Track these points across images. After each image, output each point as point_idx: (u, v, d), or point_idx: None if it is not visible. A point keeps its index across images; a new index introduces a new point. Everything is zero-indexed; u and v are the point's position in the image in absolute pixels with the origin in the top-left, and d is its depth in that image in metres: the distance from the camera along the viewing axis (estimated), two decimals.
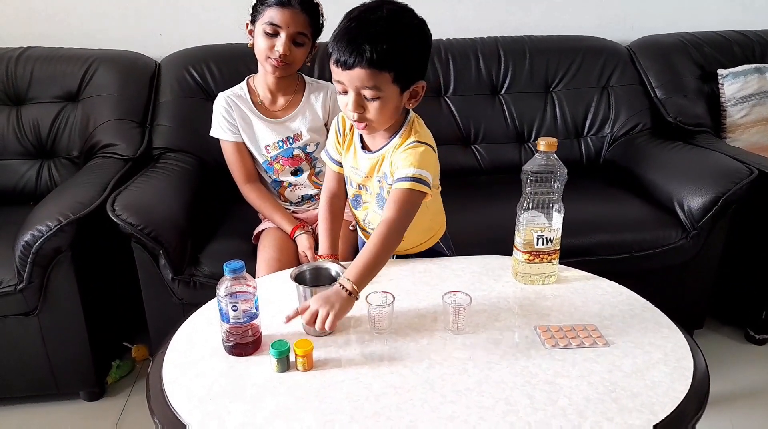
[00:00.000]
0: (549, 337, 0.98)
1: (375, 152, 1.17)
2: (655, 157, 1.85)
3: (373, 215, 1.24)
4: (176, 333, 1.02)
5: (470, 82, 2.00)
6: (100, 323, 1.56)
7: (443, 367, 0.92)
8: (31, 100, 1.82)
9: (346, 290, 0.97)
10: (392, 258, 1.31)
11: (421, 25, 1.07)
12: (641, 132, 2.00)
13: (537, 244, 1.13)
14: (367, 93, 1.04)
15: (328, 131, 1.48)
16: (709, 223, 1.61)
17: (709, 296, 1.74)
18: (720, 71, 2.02)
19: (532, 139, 2.03)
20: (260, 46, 1.41)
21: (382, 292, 1.02)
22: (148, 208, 1.45)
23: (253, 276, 1.31)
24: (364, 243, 1.36)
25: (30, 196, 1.78)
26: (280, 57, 1.39)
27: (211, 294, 1.08)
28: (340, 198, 1.30)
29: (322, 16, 1.43)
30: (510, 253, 1.22)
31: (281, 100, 1.53)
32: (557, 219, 1.14)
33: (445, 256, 1.31)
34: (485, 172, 1.99)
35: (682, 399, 0.84)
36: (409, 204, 1.09)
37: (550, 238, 1.13)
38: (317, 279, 1.01)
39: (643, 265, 1.61)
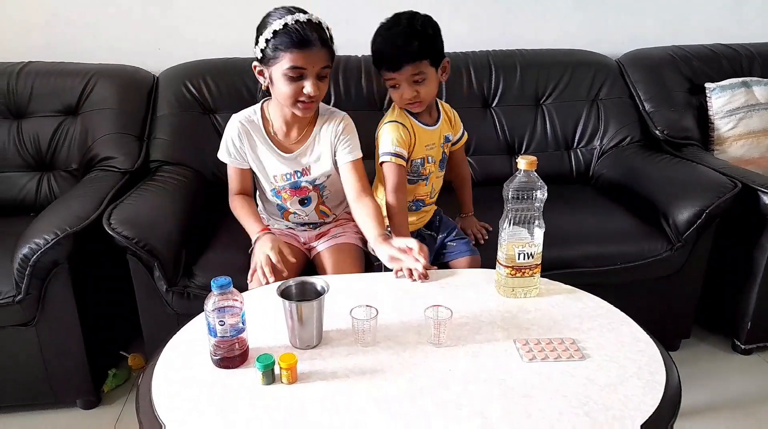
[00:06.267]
0: (528, 350, 1.02)
1: (437, 124, 1.52)
2: (642, 170, 1.88)
3: (436, 181, 1.57)
4: (167, 345, 1.05)
5: (462, 94, 2.03)
6: (96, 333, 1.59)
7: (423, 380, 0.95)
8: (32, 114, 1.86)
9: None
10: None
11: (428, 17, 1.42)
12: (630, 144, 2.03)
13: (518, 259, 1.16)
14: (416, 78, 1.39)
15: (336, 164, 1.47)
16: (694, 236, 1.63)
17: (695, 307, 1.77)
18: (707, 85, 2.05)
19: (523, 151, 2.06)
20: (284, 91, 1.33)
21: (366, 306, 1.06)
22: (144, 221, 1.49)
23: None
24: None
25: (30, 207, 1.82)
26: (310, 99, 1.34)
27: None
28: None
29: (332, 39, 1.35)
30: None
31: (294, 133, 1.47)
32: (538, 234, 1.17)
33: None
34: (478, 184, 2.01)
35: (652, 412, 0.87)
36: None
37: (531, 253, 1.16)
38: (303, 294, 1.04)
39: (629, 277, 1.64)
